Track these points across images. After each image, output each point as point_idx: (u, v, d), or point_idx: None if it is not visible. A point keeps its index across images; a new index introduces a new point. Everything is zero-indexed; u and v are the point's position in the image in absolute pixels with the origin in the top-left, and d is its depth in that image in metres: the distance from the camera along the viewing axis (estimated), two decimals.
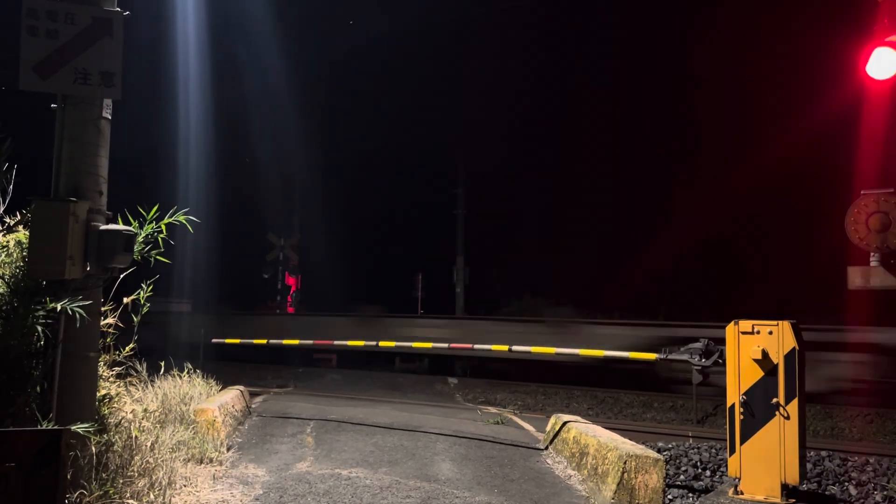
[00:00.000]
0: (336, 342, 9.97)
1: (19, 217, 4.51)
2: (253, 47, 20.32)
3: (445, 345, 9.15)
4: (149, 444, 4.75)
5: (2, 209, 4.52)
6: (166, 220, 4.81)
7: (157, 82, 18.53)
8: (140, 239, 4.64)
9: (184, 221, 4.89)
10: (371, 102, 24.49)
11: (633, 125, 22.21)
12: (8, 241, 4.37)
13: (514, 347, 7.85)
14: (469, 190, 22.08)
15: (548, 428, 7.08)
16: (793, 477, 4.46)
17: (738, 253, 19.18)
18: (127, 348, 5.02)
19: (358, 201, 27.33)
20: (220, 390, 7.92)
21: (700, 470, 5.98)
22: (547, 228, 23.92)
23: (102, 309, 4.59)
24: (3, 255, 4.31)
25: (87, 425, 3.88)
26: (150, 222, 4.73)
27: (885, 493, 5.37)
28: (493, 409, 9.66)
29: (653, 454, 5.17)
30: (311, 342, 10.35)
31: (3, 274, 4.19)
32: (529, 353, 8.09)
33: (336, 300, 22.20)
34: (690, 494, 5.41)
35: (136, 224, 4.65)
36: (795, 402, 4.49)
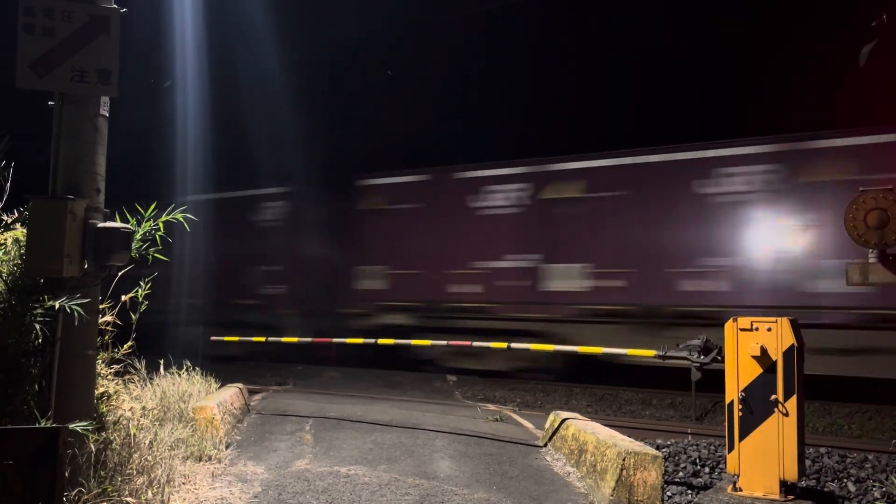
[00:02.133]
0: (334, 340, 9.98)
1: (17, 215, 4.51)
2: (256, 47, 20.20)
3: (444, 342, 9.13)
4: (147, 441, 4.75)
5: None
6: (164, 218, 4.81)
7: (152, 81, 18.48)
8: (138, 237, 4.64)
9: (181, 219, 4.89)
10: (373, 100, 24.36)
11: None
12: (6, 240, 4.36)
13: (513, 345, 7.85)
14: None
15: (546, 425, 7.08)
16: (791, 474, 4.46)
17: None
18: (125, 346, 5.02)
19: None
20: (219, 388, 7.92)
21: (699, 467, 5.99)
22: None
23: (100, 307, 4.59)
24: (1, 253, 4.31)
25: (85, 423, 3.88)
26: (148, 220, 4.73)
27: (883, 489, 5.38)
28: (492, 407, 9.66)
29: (651, 451, 5.18)
30: (308, 340, 10.36)
31: (1, 272, 4.19)
32: (528, 350, 8.09)
33: None
34: (689, 491, 5.42)
35: (133, 222, 4.64)
36: (794, 398, 4.49)
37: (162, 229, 4.79)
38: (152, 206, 4.74)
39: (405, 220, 14.09)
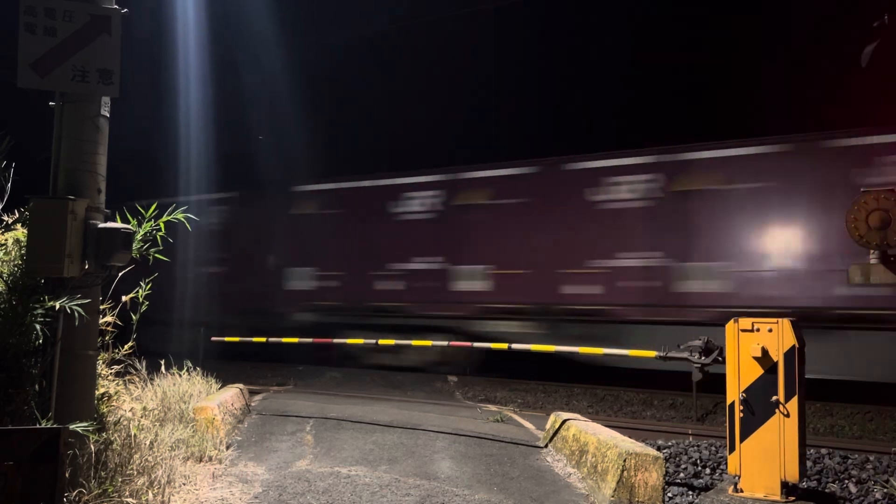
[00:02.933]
0: (335, 340, 9.98)
1: (18, 215, 4.50)
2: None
3: (445, 342, 9.13)
4: (148, 442, 4.75)
5: (0, 207, 4.51)
6: (165, 218, 4.80)
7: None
8: (139, 237, 4.64)
9: (182, 220, 4.88)
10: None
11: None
12: (6, 240, 4.36)
13: (514, 346, 7.84)
14: None
15: (547, 426, 7.07)
16: (792, 475, 4.45)
17: None
18: (126, 346, 5.02)
19: None
20: (220, 388, 7.92)
21: (700, 468, 5.98)
22: None
23: (101, 307, 4.59)
24: (2, 253, 4.30)
25: (85, 424, 3.87)
26: (149, 220, 4.73)
27: (885, 490, 5.37)
28: (492, 407, 9.66)
29: (652, 452, 5.17)
30: (309, 340, 10.35)
31: (2, 272, 4.19)
32: (529, 350, 8.08)
33: None
34: (690, 492, 5.41)
35: (134, 222, 4.64)
36: (795, 399, 4.48)
37: (163, 229, 4.77)
38: (153, 207, 4.73)
39: None
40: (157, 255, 4.77)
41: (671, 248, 11.28)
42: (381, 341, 8.83)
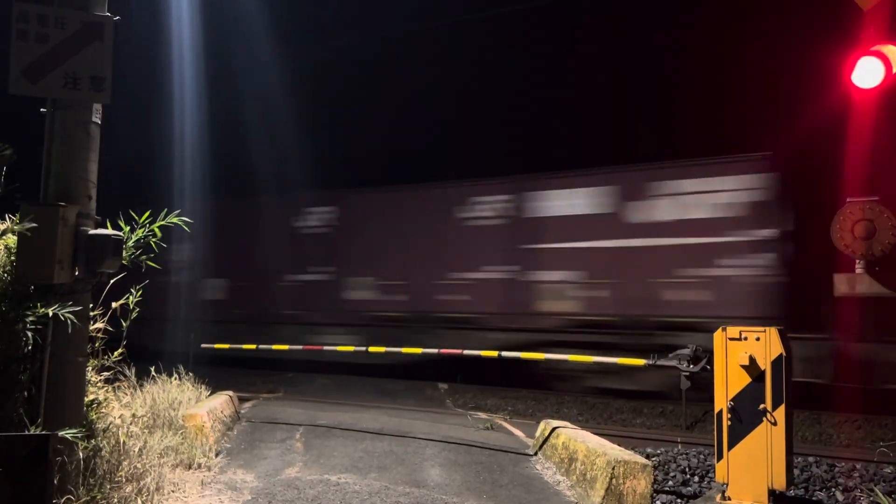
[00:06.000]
0: (326, 347, 9.97)
1: (8, 222, 4.49)
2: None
3: (435, 350, 9.15)
4: (137, 449, 4.73)
5: None
6: (159, 223, 4.79)
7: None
8: (130, 244, 4.63)
9: (179, 223, 4.87)
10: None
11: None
12: None
13: (504, 354, 7.87)
14: None
15: (537, 434, 7.09)
16: (780, 483, 4.49)
17: None
18: (116, 353, 5.00)
19: None
20: (210, 395, 7.89)
21: (688, 476, 6.01)
22: None
23: (91, 314, 4.58)
24: None
25: (74, 430, 3.86)
26: (142, 227, 4.72)
27: (871, 498, 5.41)
28: (483, 415, 9.66)
29: (641, 460, 5.20)
30: (300, 347, 10.34)
31: None
32: (519, 357, 8.11)
33: None
34: (678, 500, 5.44)
35: (127, 229, 4.63)
36: (783, 408, 4.52)
37: (158, 235, 4.76)
38: (146, 214, 4.72)
39: None
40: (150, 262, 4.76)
41: None
42: (371, 349, 8.83)
